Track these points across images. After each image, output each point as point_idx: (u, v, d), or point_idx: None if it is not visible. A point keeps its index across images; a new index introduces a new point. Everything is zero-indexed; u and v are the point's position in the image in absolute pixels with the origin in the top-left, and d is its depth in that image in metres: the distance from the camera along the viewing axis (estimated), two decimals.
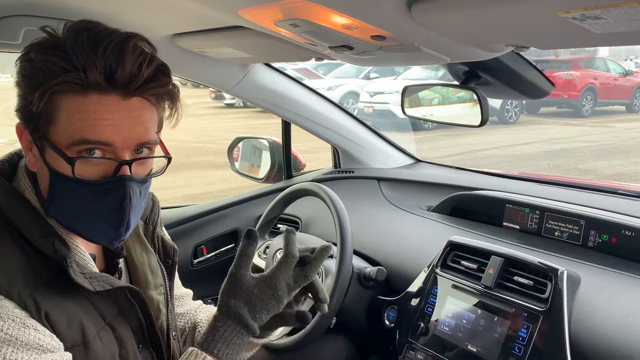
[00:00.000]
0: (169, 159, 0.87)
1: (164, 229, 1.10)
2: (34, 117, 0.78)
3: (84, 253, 0.85)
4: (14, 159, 0.89)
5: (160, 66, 0.80)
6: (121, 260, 0.96)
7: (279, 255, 1.56)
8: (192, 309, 1.20)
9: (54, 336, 0.76)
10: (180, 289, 1.19)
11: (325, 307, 0.98)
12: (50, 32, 0.78)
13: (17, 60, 0.80)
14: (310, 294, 0.98)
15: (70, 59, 0.75)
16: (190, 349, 0.86)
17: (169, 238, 1.08)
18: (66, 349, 0.78)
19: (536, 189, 1.66)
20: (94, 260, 0.88)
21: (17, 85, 0.80)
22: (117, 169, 0.79)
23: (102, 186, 0.79)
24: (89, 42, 0.76)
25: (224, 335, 0.87)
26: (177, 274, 1.13)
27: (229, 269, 0.93)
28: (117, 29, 0.79)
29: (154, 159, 0.85)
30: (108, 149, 0.78)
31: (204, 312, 1.21)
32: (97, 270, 0.87)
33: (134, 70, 0.76)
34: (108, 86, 0.76)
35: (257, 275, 0.92)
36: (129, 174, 0.79)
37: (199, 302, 1.24)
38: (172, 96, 0.84)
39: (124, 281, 0.93)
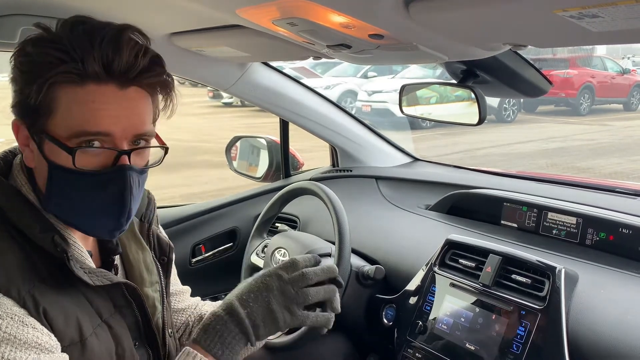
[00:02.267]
0: (166, 149, 0.88)
1: (160, 227, 1.10)
2: (31, 111, 0.78)
3: (82, 249, 0.86)
4: (9, 156, 0.89)
5: (155, 57, 0.82)
6: (116, 258, 0.97)
7: (277, 254, 1.57)
8: (192, 304, 1.21)
9: (52, 335, 0.76)
10: (178, 286, 1.20)
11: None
12: (44, 27, 0.79)
13: (11, 57, 0.80)
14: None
15: (68, 51, 0.76)
16: (186, 349, 0.85)
17: (165, 235, 1.08)
18: (64, 347, 0.78)
19: (534, 187, 1.66)
20: (91, 257, 0.88)
21: (12, 81, 0.80)
22: (116, 159, 0.80)
23: (102, 176, 0.80)
24: (85, 34, 0.77)
25: (223, 335, 0.86)
26: (175, 272, 1.13)
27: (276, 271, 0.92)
28: (110, 22, 0.80)
29: (151, 151, 0.86)
30: (107, 139, 0.79)
31: (208, 306, 1.22)
32: (94, 266, 0.87)
33: (131, 59, 0.78)
34: (106, 76, 0.77)
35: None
36: (129, 163, 0.80)
37: (198, 298, 1.24)
38: (167, 86, 0.85)
39: (120, 277, 0.93)
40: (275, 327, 0.88)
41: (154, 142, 0.87)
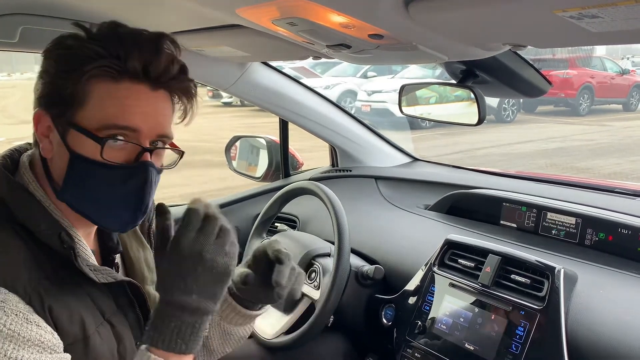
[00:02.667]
0: (182, 154, 0.91)
1: None
2: (61, 102, 0.80)
3: (86, 247, 0.86)
4: (15, 154, 0.90)
5: (184, 67, 0.86)
6: (117, 256, 0.97)
7: None
8: None
9: (55, 334, 0.77)
10: None
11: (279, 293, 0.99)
12: (84, 27, 0.82)
13: (44, 52, 0.83)
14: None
15: (109, 47, 0.79)
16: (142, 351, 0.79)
17: None
18: (67, 345, 0.78)
19: (533, 187, 1.66)
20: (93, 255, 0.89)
21: (44, 73, 0.82)
22: (139, 155, 0.82)
23: (126, 170, 0.82)
24: (127, 34, 0.81)
25: (181, 330, 0.78)
26: None
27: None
28: (145, 29, 0.84)
29: (165, 154, 0.89)
30: (133, 135, 0.81)
31: None
32: (98, 264, 0.87)
33: (167, 65, 0.82)
34: (142, 76, 0.80)
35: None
36: (150, 160, 0.83)
37: None
38: (191, 94, 0.88)
39: (123, 276, 0.94)
40: (227, 285, 0.82)
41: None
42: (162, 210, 0.84)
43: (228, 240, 0.82)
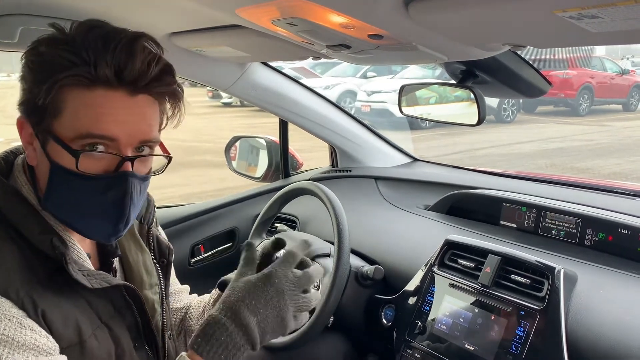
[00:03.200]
0: (170, 159, 0.88)
1: (160, 228, 1.10)
2: (38, 110, 0.78)
3: (81, 251, 0.85)
4: (10, 157, 0.88)
5: (167, 66, 0.82)
6: (116, 260, 0.96)
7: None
8: (189, 303, 1.21)
9: (50, 337, 0.76)
10: (177, 285, 1.20)
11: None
12: (59, 28, 0.79)
13: (23, 55, 0.80)
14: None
15: (80, 54, 0.75)
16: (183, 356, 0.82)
17: (165, 237, 1.08)
18: (62, 349, 0.78)
19: (533, 187, 1.66)
20: (89, 259, 0.88)
21: (22, 79, 0.80)
22: (119, 165, 0.79)
23: (104, 181, 0.79)
24: (100, 38, 0.77)
25: (228, 347, 0.81)
26: (173, 272, 1.13)
27: (237, 272, 0.90)
28: (125, 28, 0.80)
29: (154, 158, 0.86)
30: (112, 144, 0.78)
31: (196, 297, 1.23)
32: (93, 268, 0.87)
33: (143, 68, 0.78)
34: (116, 82, 0.77)
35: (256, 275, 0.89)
36: (131, 170, 0.80)
37: (195, 295, 1.25)
38: (176, 96, 0.85)
39: (119, 279, 0.93)
40: (282, 334, 0.87)
41: (157, 149, 0.87)
42: (279, 244, 0.98)
43: (306, 307, 0.89)
